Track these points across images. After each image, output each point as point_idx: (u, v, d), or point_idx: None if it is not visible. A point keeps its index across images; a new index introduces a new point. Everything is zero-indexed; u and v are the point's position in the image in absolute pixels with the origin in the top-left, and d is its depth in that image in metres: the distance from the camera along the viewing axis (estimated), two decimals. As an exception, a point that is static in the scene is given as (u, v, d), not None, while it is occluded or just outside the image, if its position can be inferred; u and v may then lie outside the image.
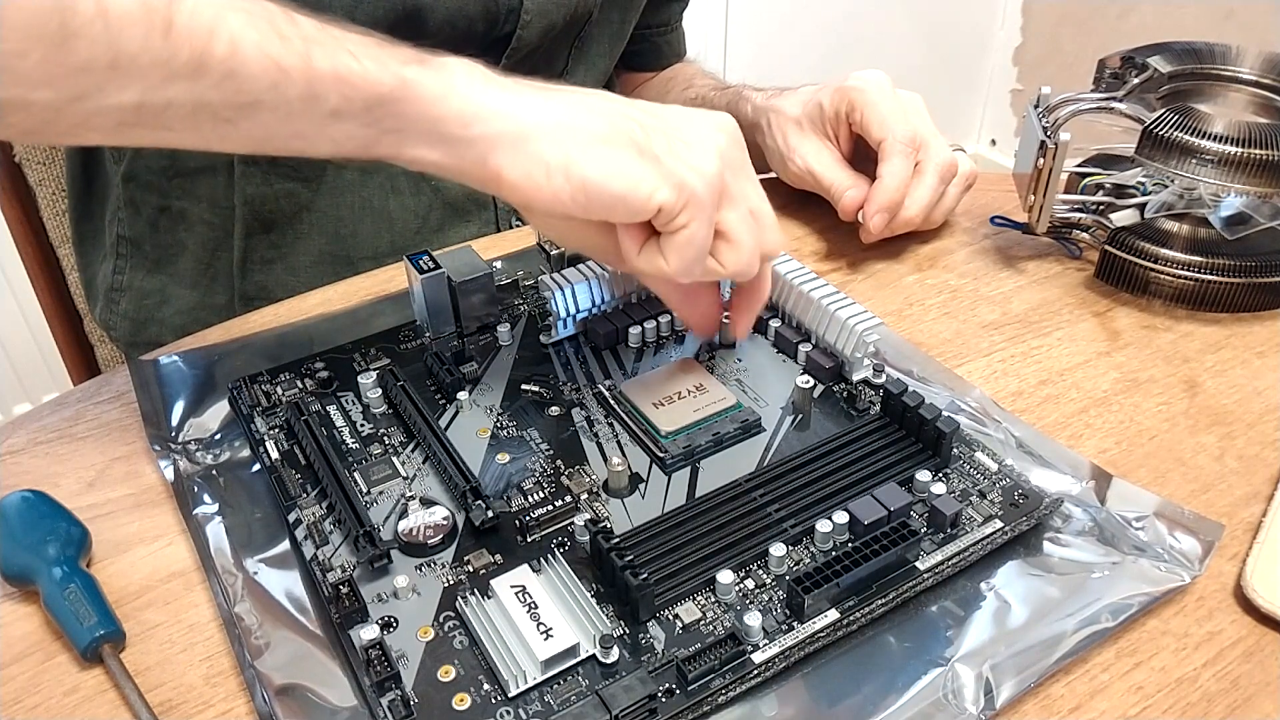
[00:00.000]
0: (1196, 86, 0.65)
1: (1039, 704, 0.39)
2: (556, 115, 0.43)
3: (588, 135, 0.43)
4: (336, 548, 0.44)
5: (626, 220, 0.44)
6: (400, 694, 0.38)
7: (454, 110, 0.42)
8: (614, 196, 0.42)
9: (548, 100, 0.44)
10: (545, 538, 0.45)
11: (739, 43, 1.85)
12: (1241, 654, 0.41)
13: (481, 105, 0.43)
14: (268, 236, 0.71)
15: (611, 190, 0.42)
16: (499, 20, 0.68)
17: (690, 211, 0.43)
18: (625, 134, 0.43)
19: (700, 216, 0.43)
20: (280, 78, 0.40)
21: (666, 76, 0.88)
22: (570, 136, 0.43)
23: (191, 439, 0.51)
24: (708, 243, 0.45)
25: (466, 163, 0.43)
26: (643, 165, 0.43)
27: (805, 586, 0.40)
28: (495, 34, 0.68)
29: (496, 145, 0.43)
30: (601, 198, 0.43)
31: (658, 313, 0.57)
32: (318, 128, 0.42)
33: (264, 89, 0.40)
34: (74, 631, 0.41)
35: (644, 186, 0.42)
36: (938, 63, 2.17)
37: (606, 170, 0.42)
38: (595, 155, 0.43)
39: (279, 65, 0.40)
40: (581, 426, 0.51)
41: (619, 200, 0.43)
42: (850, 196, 0.65)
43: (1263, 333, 0.59)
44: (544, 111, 0.43)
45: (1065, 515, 0.46)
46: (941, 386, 0.54)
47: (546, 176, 0.42)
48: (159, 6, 0.38)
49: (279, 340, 0.58)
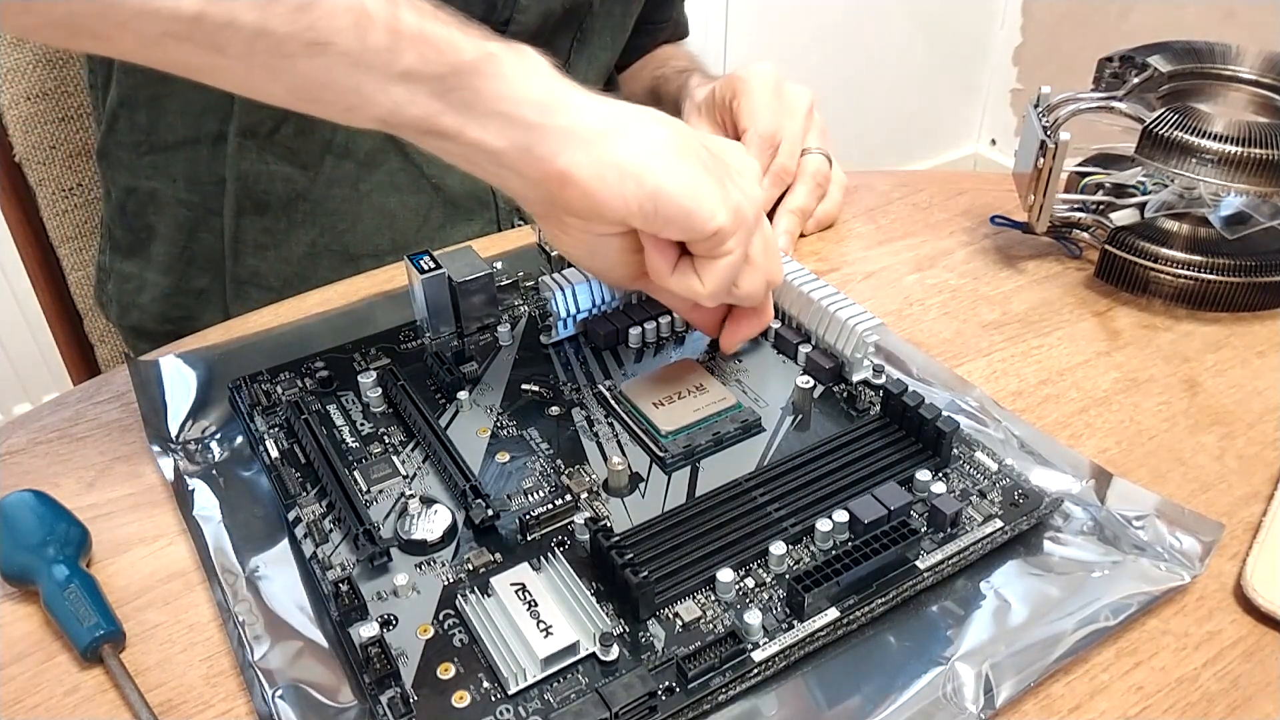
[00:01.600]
0: (1196, 86, 0.65)
1: (1039, 704, 0.39)
2: (634, 121, 0.43)
3: (665, 146, 0.43)
4: (336, 546, 0.44)
5: (681, 237, 0.44)
6: (400, 692, 0.38)
7: (535, 94, 0.41)
8: (681, 211, 0.42)
9: (619, 106, 0.43)
10: (545, 536, 0.45)
11: (739, 42, 1.85)
12: (1241, 654, 0.41)
13: (564, 95, 0.42)
14: (261, 220, 0.71)
15: (681, 204, 0.42)
16: (496, 5, 0.68)
17: (740, 237, 0.44)
18: (694, 152, 0.43)
19: (744, 242, 0.44)
20: (364, 20, 0.38)
21: (649, 56, 0.88)
22: (649, 144, 0.42)
23: (191, 438, 0.51)
24: (741, 268, 0.46)
25: (534, 154, 0.41)
26: (710, 185, 0.43)
27: (805, 585, 0.40)
28: (492, 20, 0.68)
29: (572, 139, 0.41)
30: (668, 210, 0.42)
31: (658, 313, 0.57)
32: (382, 85, 0.40)
33: (341, 28, 0.38)
34: (74, 631, 0.41)
35: (707, 205, 0.42)
36: (938, 63, 2.17)
37: (680, 183, 0.42)
38: (671, 167, 0.42)
39: (364, 7, 0.38)
40: (581, 426, 0.51)
41: (685, 215, 0.42)
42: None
43: (1263, 333, 0.59)
44: (621, 115, 0.43)
45: (1065, 514, 0.46)
46: (941, 386, 0.54)
47: (620, 179, 0.41)
48: None
49: (279, 340, 0.58)
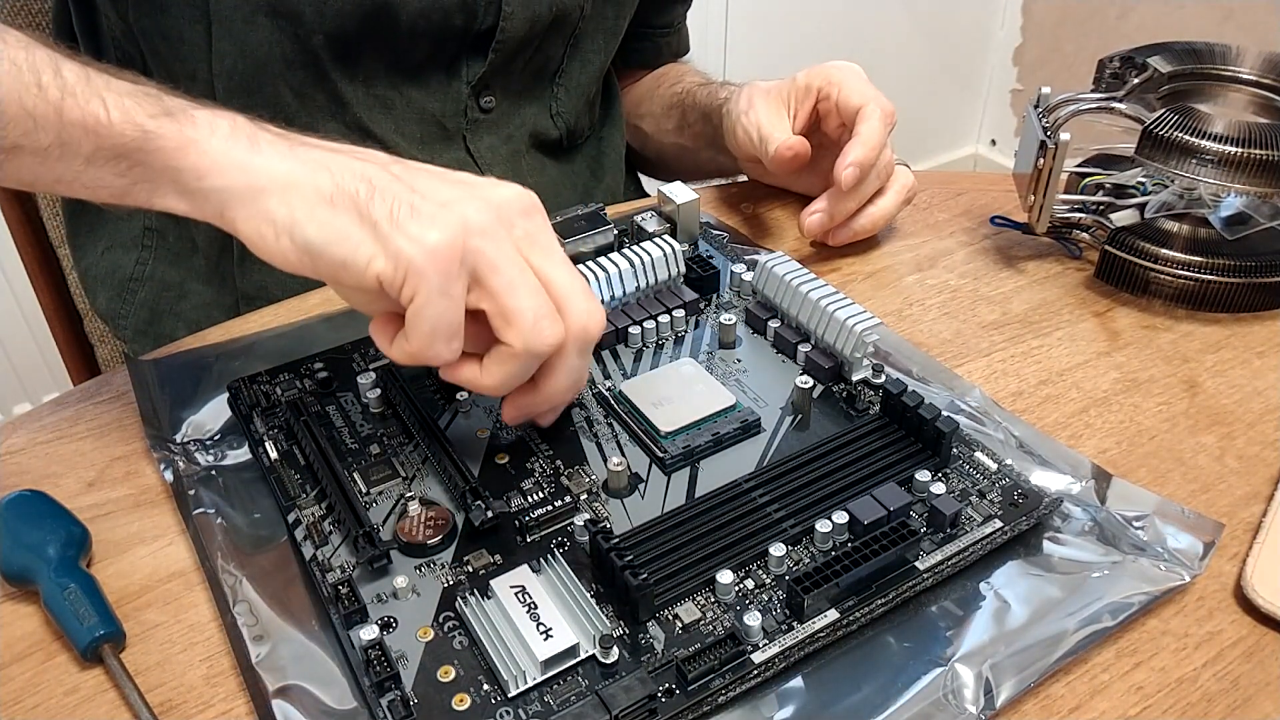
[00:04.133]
0: (1196, 86, 0.65)
1: (1039, 704, 0.39)
2: (289, 173, 0.42)
3: (314, 195, 0.42)
4: (336, 548, 0.44)
5: (354, 286, 0.42)
6: (400, 694, 0.38)
7: (190, 163, 0.43)
8: (335, 262, 0.41)
9: (286, 156, 0.43)
10: (545, 538, 0.45)
11: (739, 43, 1.85)
12: (1241, 654, 0.41)
13: (217, 159, 0.43)
14: None
15: (333, 255, 0.41)
16: (477, 13, 0.68)
17: (413, 283, 0.40)
18: (349, 196, 0.41)
19: (426, 288, 0.40)
20: (31, 126, 0.42)
21: (658, 74, 0.88)
22: (297, 196, 0.42)
23: (191, 439, 0.51)
24: (446, 317, 0.41)
25: (208, 214, 0.43)
26: (361, 231, 0.41)
27: (805, 586, 0.40)
28: (477, 28, 0.68)
29: (229, 200, 0.42)
30: (324, 263, 0.41)
31: (658, 313, 0.57)
32: (75, 173, 0.43)
33: (19, 135, 0.42)
34: (74, 631, 0.41)
35: (361, 254, 0.40)
36: (938, 63, 2.17)
37: (327, 236, 0.41)
38: (320, 219, 0.41)
39: (30, 115, 0.42)
40: (581, 426, 0.51)
41: (341, 266, 0.41)
42: (786, 144, 0.64)
43: (1263, 333, 0.59)
44: (278, 167, 0.42)
45: (1065, 515, 0.46)
46: (941, 386, 0.54)
47: (275, 236, 0.42)
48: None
49: (279, 340, 0.58)
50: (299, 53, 0.65)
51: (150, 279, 0.75)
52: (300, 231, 0.41)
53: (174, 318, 0.75)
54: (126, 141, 0.43)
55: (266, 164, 0.42)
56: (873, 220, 0.66)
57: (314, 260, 0.42)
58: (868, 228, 0.66)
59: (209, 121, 0.43)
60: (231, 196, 0.42)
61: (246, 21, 0.63)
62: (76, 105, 0.42)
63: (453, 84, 0.71)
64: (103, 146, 0.43)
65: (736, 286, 0.61)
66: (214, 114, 0.44)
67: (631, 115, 0.88)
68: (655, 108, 0.86)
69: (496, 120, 0.74)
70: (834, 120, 0.67)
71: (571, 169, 0.81)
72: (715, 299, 0.60)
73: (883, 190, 0.66)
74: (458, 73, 0.71)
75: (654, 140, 0.87)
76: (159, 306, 0.75)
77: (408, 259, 0.40)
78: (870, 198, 0.66)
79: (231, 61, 0.64)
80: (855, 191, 0.64)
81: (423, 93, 0.70)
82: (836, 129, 0.67)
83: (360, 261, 0.41)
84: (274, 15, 0.63)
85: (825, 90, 0.66)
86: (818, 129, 0.68)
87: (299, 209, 0.41)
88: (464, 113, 0.72)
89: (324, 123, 0.68)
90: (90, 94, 0.43)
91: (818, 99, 0.67)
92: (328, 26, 0.64)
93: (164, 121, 0.43)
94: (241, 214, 0.42)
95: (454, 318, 0.42)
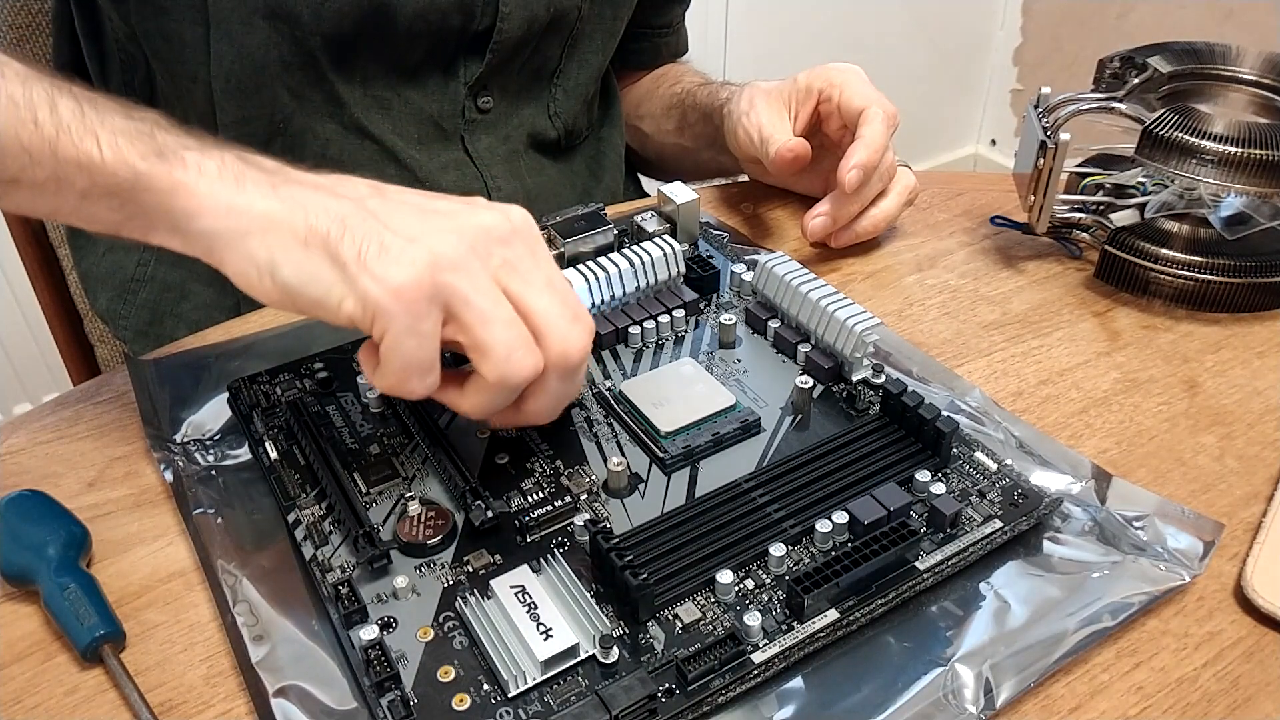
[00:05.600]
0: (1196, 86, 0.65)
1: (1039, 704, 0.39)
2: (270, 213, 0.42)
3: (290, 236, 0.42)
4: (336, 548, 0.44)
5: (333, 324, 0.42)
6: (400, 694, 0.38)
7: (180, 205, 0.43)
8: (310, 302, 0.42)
9: (269, 196, 0.43)
10: (545, 538, 0.45)
11: (739, 43, 1.85)
12: (1241, 654, 0.41)
13: (204, 202, 0.43)
14: None
15: (306, 295, 0.41)
16: (475, 14, 0.68)
17: (381, 323, 0.40)
18: (320, 237, 0.41)
19: (394, 327, 0.40)
20: (27, 161, 0.43)
21: (657, 74, 0.88)
22: (275, 237, 0.42)
23: (191, 439, 0.51)
24: (417, 354, 0.41)
25: (198, 252, 0.44)
26: (331, 273, 0.41)
27: (805, 586, 0.40)
28: (474, 28, 0.68)
29: (216, 241, 0.43)
30: (301, 302, 0.42)
31: (657, 313, 0.57)
32: (72, 206, 0.44)
33: (16, 170, 0.43)
34: (74, 631, 0.41)
35: (333, 295, 0.41)
36: (938, 63, 2.17)
37: (301, 277, 0.41)
38: (294, 260, 0.41)
39: (27, 150, 0.43)
40: (581, 426, 0.51)
41: (317, 306, 0.42)
42: (786, 146, 0.64)
43: (1263, 333, 0.59)
44: (260, 208, 0.42)
45: (1065, 515, 0.46)
46: (941, 386, 0.54)
47: (258, 276, 0.42)
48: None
49: (279, 340, 0.58)
50: (297, 54, 0.65)
51: (151, 280, 0.75)
52: (279, 273, 0.42)
53: (175, 318, 0.75)
54: (119, 181, 0.43)
55: (250, 204, 0.43)
56: (875, 222, 0.66)
57: (293, 300, 0.42)
58: (870, 230, 0.66)
59: (197, 163, 0.44)
60: (218, 238, 0.43)
61: (244, 24, 0.63)
62: (71, 143, 0.43)
63: (450, 84, 0.71)
64: (97, 184, 0.43)
65: (736, 286, 0.61)
66: (203, 154, 0.44)
67: (631, 116, 0.88)
68: (655, 108, 0.86)
69: (494, 121, 0.74)
70: (835, 122, 0.67)
71: (570, 169, 0.81)
72: (715, 299, 0.60)
73: (885, 192, 0.66)
74: (455, 73, 0.71)
75: (654, 141, 0.87)
76: (160, 307, 0.75)
77: (375, 300, 0.40)
78: (873, 200, 0.66)
79: (229, 63, 0.64)
80: (858, 194, 0.64)
81: (420, 93, 0.70)
82: (838, 131, 0.67)
83: (332, 303, 0.41)
84: (272, 17, 0.63)
85: (827, 92, 0.66)
86: (818, 130, 0.68)
87: (276, 250, 0.42)
88: (462, 113, 0.72)
89: (322, 123, 0.68)
90: (84, 131, 0.43)
91: (819, 101, 0.67)
92: (325, 28, 0.64)
93: (155, 163, 0.43)
94: (228, 255, 0.43)
95: (425, 355, 0.41)
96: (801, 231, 0.66)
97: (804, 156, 0.64)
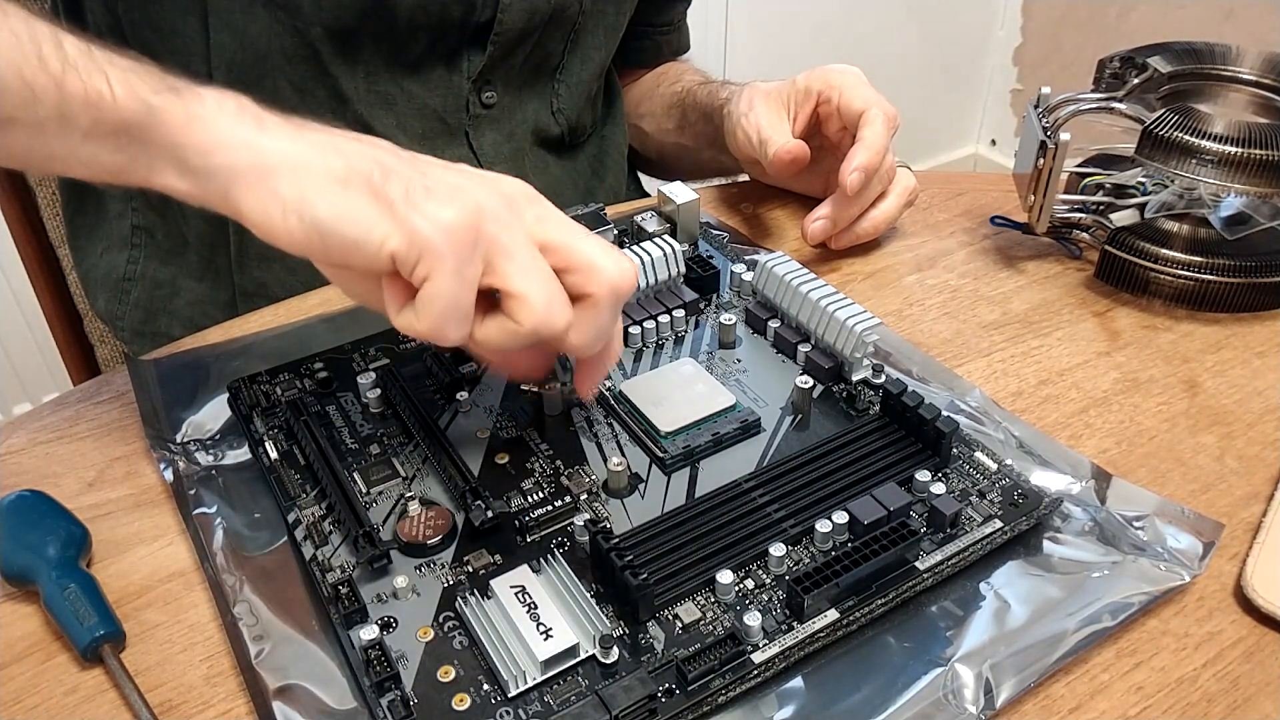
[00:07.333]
0: (1196, 86, 0.65)
1: (1039, 704, 0.39)
2: (299, 153, 0.42)
3: (325, 175, 0.41)
4: (336, 548, 0.44)
5: (366, 268, 0.41)
6: (400, 694, 0.38)
7: (196, 140, 0.42)
8: (346, 241, 0.40)
9: (295, 138, 0.43)
10: (545, 538, 0.45)
11: (739, 43, 1.85)
12: (1241, 654, 0.41)
13: (224, 137, 0.42)
14: None
15: (343, 234, 0.40)
16: (475, 5, 0.68)
17: (428, 262, 0.40)
18: (363, 176, 0.41)
19: (441, 269, 0.40)
20: (30, 97, 0.41)
21: (658, 72, 0.88)
22: (308, 175, 0.41)
23: (191, 439, 0.51)
24: (459, 299, 0.41)
25: (209, 194, 0.43)
26: (375, 210, 0.40)
27: (805, 586, 0.40)
28: (475, 19, 0.68)
29: (236, 179, 0.42)
30: (334, 241, 0.41)
31: (658, 313, 0.57)
32: (70, 149, 0.43)
33: (16, 106, 0.41)
34: (74, 631, 0.41)
35: (376, 232, 0.40)
36: (938, 63, 2.17)
37: (339, 214, 0.40)
38: (328, 196, 0.41)
39: (29, 86, 0.41)
40: (581, 427, 0.51)
41: (352, 246, 0.40)
42: (785, 148, 0.64)
43: (1263, 333, 0.59)
44: (287, 148, 0.42)
45: (1065, 515, 0.46)
46: (941, 386, 0.54)
47: (282, 215, 0.41)
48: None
49: (279, 340, 0.58)
50: (298, 46, 0.65)
51: (142, 278, 0.75)
52: (310, 210, 0.40)
53: (169, 315, 0.75)
54: (129, 116, 0.42)
55: (275, 144, 0.42)
56: (875, 224, 0.66)
57: (323, 239, 0.41)
58: (870, 231, 0.66)
59: (215, 99, 0.43)
60: (237, 175, 0.41)
61: (244, 12, 0.63)
62: (78, 78, 0.41)
63: (453, 78, 0.71)
64: (103, 121, 0.42)
65: (736, 286, 0.61)
66: (220, 93, 0.43)
67: (632, 114, 0.88)
68: (656, 107, 0.86)
69: (498, 116, 0.74)
70: (835, 124, 0.67)
71: (574, 167, 0.81)
72: (715, 299, 0.60)
73: (885, 193, 0.66)
74: (458, 66, 0.71)
75: (654, 139, 0.87)
76: (153, 305, 0.75)
77: (424, 237, 0.40)
78: (873, 201, 0.66)
79: (231, 54, 0.64)
80: (859, 196, 0.64)
81: (424, 87, 0.70)
82: (838, 132, 0.67)
83: (374, 240, 0.40)
84: (271, 5, 0.63)
85: (826, 94, 0.66)
86: (818, 131, 0.68)
87: (309, 188, 0.41)
88: (465, 108, 0.72)
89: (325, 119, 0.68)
90: (93, 68, 0.42)
91: (818, 103, 0.67)
92: (326, 18, 0.64)
93: (169, 97, 0.42)
94: (247, 193, 0.41)
95: (466, 301, 0.41)
96: (801, 233, 0.66)
97: (802, 158, 0.64)
